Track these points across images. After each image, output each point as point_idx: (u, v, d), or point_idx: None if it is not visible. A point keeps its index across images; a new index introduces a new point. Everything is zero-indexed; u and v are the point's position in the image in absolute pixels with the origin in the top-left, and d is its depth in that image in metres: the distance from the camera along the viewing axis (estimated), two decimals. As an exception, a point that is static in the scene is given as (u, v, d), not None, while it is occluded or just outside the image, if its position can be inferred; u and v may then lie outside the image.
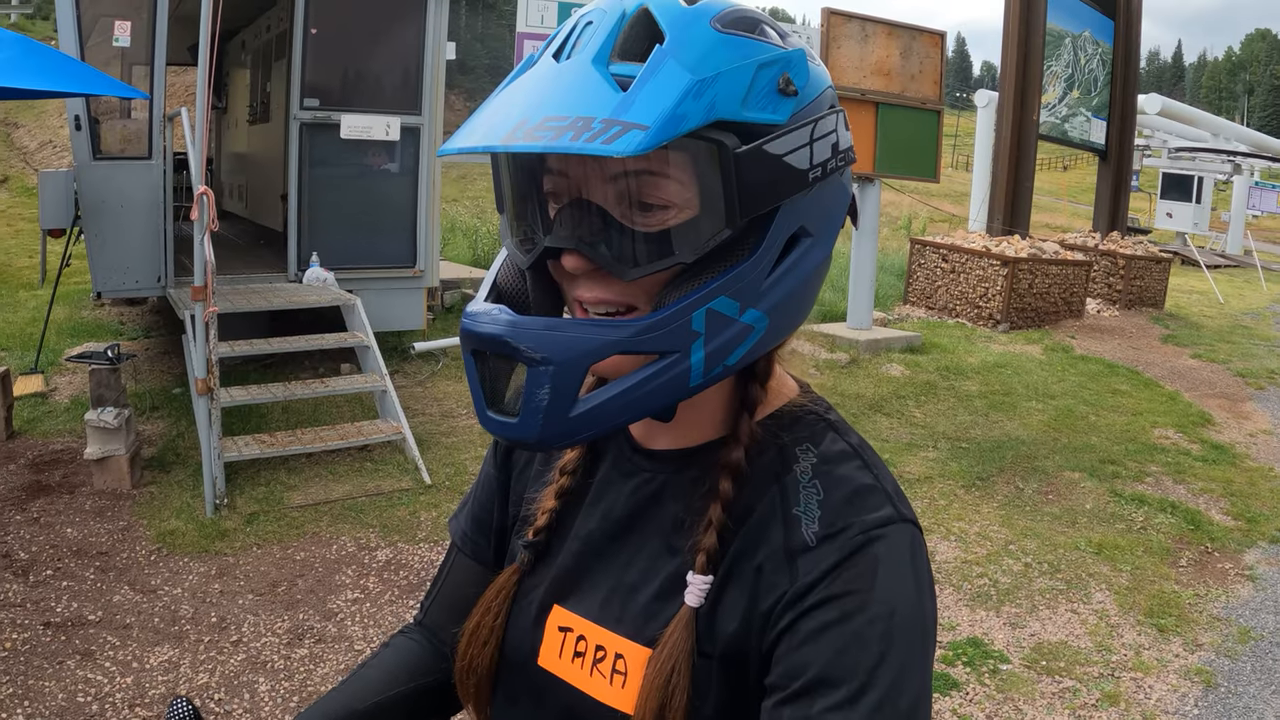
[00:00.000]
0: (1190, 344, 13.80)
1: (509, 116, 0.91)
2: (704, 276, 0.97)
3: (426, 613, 1.42)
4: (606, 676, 1.09)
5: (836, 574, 0.99)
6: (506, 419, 0.99)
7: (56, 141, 23.64)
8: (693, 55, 0.93)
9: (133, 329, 10.52)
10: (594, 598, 1.14)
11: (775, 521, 1.05)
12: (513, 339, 0.95)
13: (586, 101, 0.89)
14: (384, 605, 5.27)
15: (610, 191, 0.97)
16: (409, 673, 1.34)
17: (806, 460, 1.08)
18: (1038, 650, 5.07)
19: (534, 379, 0.95)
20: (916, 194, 21.74)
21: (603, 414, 0.97)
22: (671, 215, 0.96)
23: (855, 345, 11.26)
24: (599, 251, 0.98)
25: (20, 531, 5.92)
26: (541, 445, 0.99)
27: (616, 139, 0.85)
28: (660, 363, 0.96)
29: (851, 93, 11.18)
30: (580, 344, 0.94)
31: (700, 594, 1.04)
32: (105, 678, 4.48)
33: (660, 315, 0.95)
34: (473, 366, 1.02)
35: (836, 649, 0.95)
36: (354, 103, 8.96)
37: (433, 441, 7.65)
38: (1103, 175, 18.76)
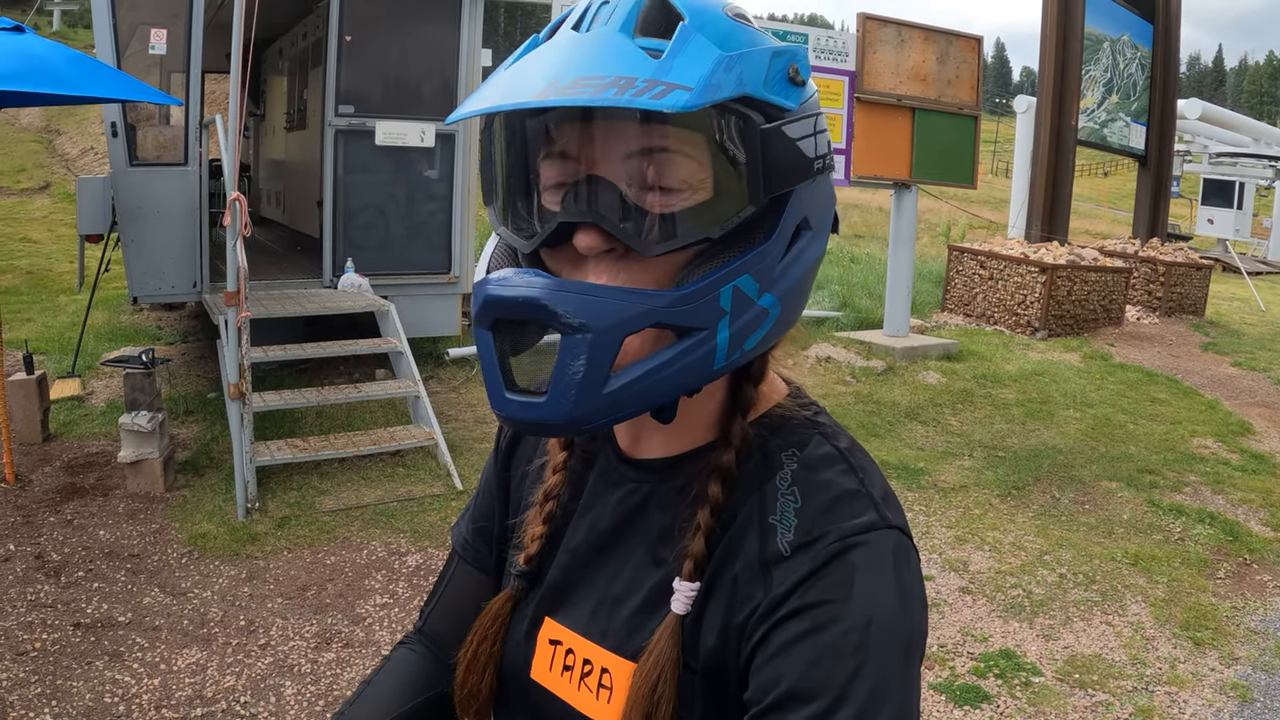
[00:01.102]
0: (1230, 352, 13.63)
1: (534, 79, 0.88)
2: (725, 256, 0.95)
3: (427, 620, 1.40)
4: (593, 691, 1.08)
5: (810, 584, 0.96)
6: (530, 399, 0.94)
7: (98, 148, 23.86)
8: (715, 34, 0.93)
9: (170, 334, 10.60)
10: (582, 610, 1.12)
11: (752, 531, 1.02)
12: (551, 302, 0.90)
13: (624, 63, 0.88)
14: (412, 610, 5.27)
15: (627, 168, 0.94)
16: (414, 688, 1.33)
17: (789, 466, 1.05)
18: (1071, 663, 5.00)
19: (569, 349, 0.90)
20: (955, 201, 21.63)
21: (634, 393, 0.93)
22: (689, 194, 0.94)
23: (892, 352, 11.19)
24: (621, 227, 0.94)
25: (54, 533, 5.96)
26: (569, 428, 0.94)
27: (664, 96, 0.84)
28: (689, 340, 0.94)
29: (888, 98, 11.13)
30: (620, 311, 0.91)
31: (687, 601, 1.02)
32: (133, 679, 4.50)
33: (694, 287, 0.93)
34: (489, 343, 0.96)
35: (809, 661, 0.92)
36: (389, 109, 8.99)
37: (465, 447, 7.65)
38: (1142, 181, 18.60)
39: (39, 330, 10.34)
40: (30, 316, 11.15)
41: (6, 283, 13.14)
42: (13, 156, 23.13)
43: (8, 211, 19.06)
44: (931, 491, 7.27)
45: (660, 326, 0.93)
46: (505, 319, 0.95)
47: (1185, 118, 24.66)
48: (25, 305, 11.83)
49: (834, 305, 13.78)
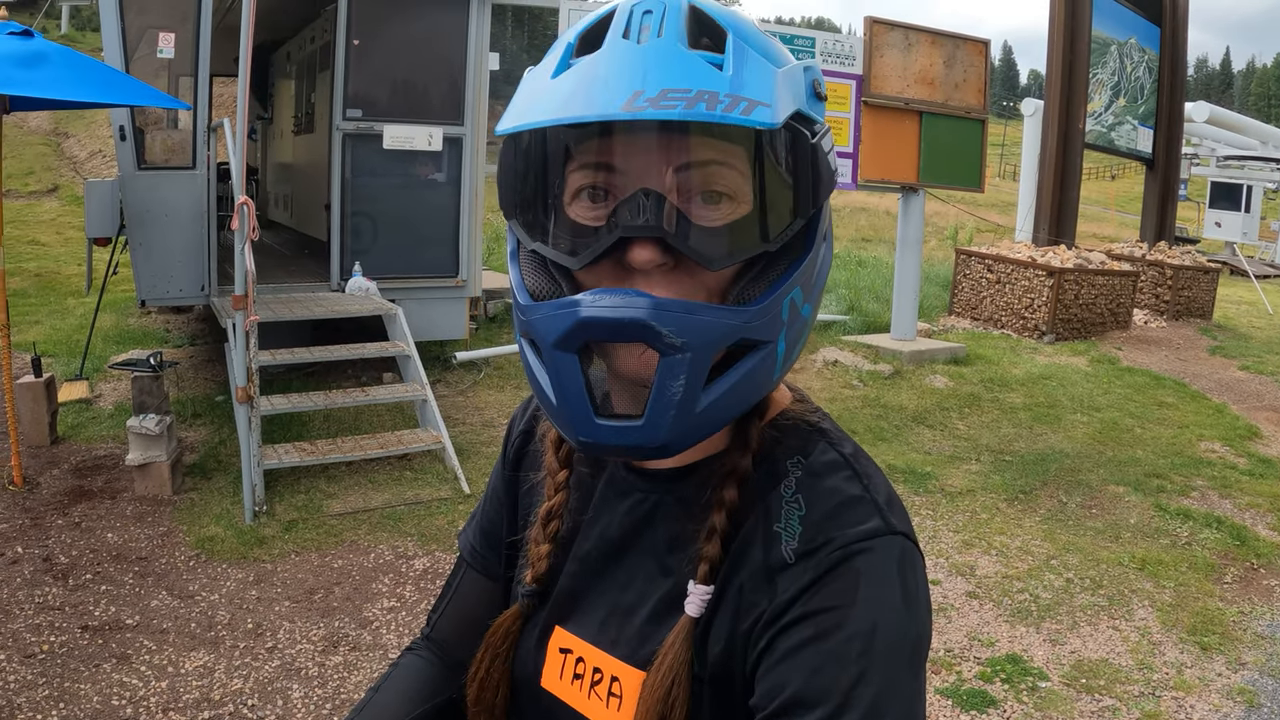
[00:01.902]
0: (1238, 355, 13.61)
1: (614, 89, 0.88)
2: (776, 269, 0.97)
3: (434, 626, 1.40)
4: (603, 699, 1.08)
5: (814, 590, 0.96)
6: (626, 423, 0.93)
7: (106, 151, 23.94)
8: (759, 49, 0.94)
9: (178, 337, 10.63)
10: (592, 619, 1.13)
11: (757, 540, 1.02)
12: (657, 322, 0.89)
13: (700, 77, 0.88)
14: (420, 614, 5.27)
15: (679, 181, 0.93)
16: (421, 694, 1.33)
17: (794, 473, 1.05)
18: (1078, 668, 4.99)
19: (668, 370, 0.90)
20: (962, 204, 21.61)
21: (720, 409, 0.94)
22: (739, 206, 0.95)
23: (899, 356, 11.18)
24: (682, 241, 0.93)
25: (62, 535, 5.98)
26: (665, 449, 0.94)
27: (751, 112, 0.85)
28: (759, 353, 0.95)
29: (895, 102, 11.12)
30: (714, 329, 0.91)
31: (701, 603, 1.02)
32: (140, 682, 4.51)
33: (764, 301, 0.94)
34: (575, 368, 0.94)
35: (813, 667, 0.92)
36: (397, 113, 9.00)
37: (473, 451, 7.66)
38: (1150, 184, 18.55)
39: (47, 333, 10.37)
40: (38, 319, 11.19)
41: (15, 285, 13.17)
42: (21, 159, 23.18)
43: (16, 214, 19.11)
44: (938, 496, 7.26)
45: (743, 343, 0.94)
46: (597, 341, 0.94)
47: (1193, 121, 24.56)
48: (33, 308, 11.87)
49: (841, 309, 13.76)
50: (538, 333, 0.96)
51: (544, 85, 0.94)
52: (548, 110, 0.90)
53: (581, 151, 0.96)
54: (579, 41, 0.96)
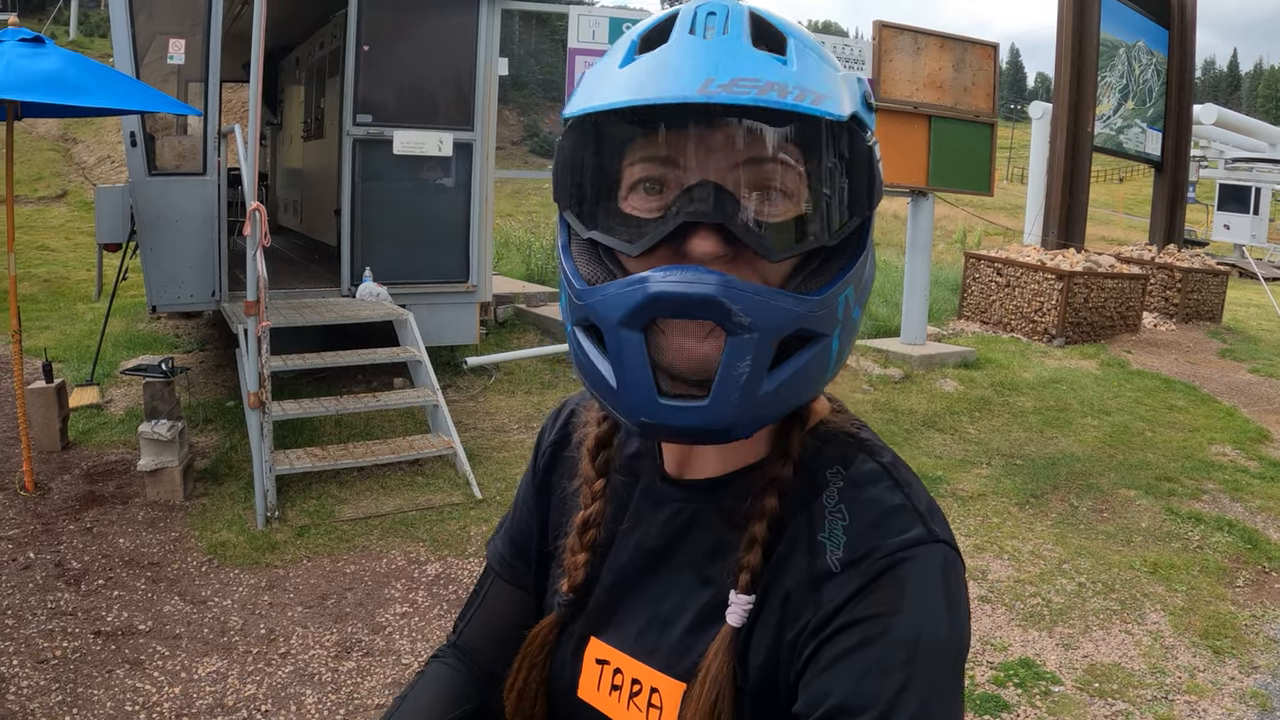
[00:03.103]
0: (1248, 358, 13.58)
1: (688, 75, 0.89)
2: (834, 267, 0.97)
3: (461, 634, 1.40)
4: (643, 710, 1.08)
5: (860, 599, 0.96)
6: (691, 403, 0.93)
7: (115, 157, 23.95)
8: (817, 54, 0.96)
9: (188, 342, 10.64)
10: (629, 630, 1.12)
11: (800, 549, 1.02)
12: (729, 299, 0.89)
13: (766, 68, 0.89)
14: (433, 619, 5.28)
15: (743, 175, 0.94)
16: (450, 702, 1.32)
17: (835, 484, 1.05)
18: (1090, 672, 4.98)
19: (736, 350, 0.91)
20: (970, 208, 21.62)
21: (783, 396, 0.95)
22: (800, 200, 0.96)
23: (909, 360, 11.17)
24: (744, 230, 0.93)
25: (74, 541, 5.98)
26: (730, 432, 0.94)
27: (819, 103, 0.88)
28: (817, 345, 0.96)
29: (904, 106, 11.12)
30: (781, 313, 0.92)
31: (743, 613, 1.02)
32: (153, 687, 4.51)
33: (825, 293, 0.95)
34: (640, 346, 0.93)
35: (857, 675, 0.92)
36: (406, 119, 9.01)
37: (484, 456, 7.66)
38: (1158, 187, 18.52)
39: (57, 338, 10.39)
40: (49, 324, 11.20)
41: (25, 290, 13.18)
42: (30, 165, 23.21)
43: (25, 219, 19.12)
44: (950, 500, 7.25)
45: (803, 333, 0.94)
46: (665, 318, 0.93)
47: (1201, 123, 24.55)
48: (43, 313, 11.88)
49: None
50: (601, 314, 0.96)
51: (612, 74, 0.95)
52: (620, 94, 0.91)
53: (643, 143, 0.96)
54: (641, 41, 0.97)
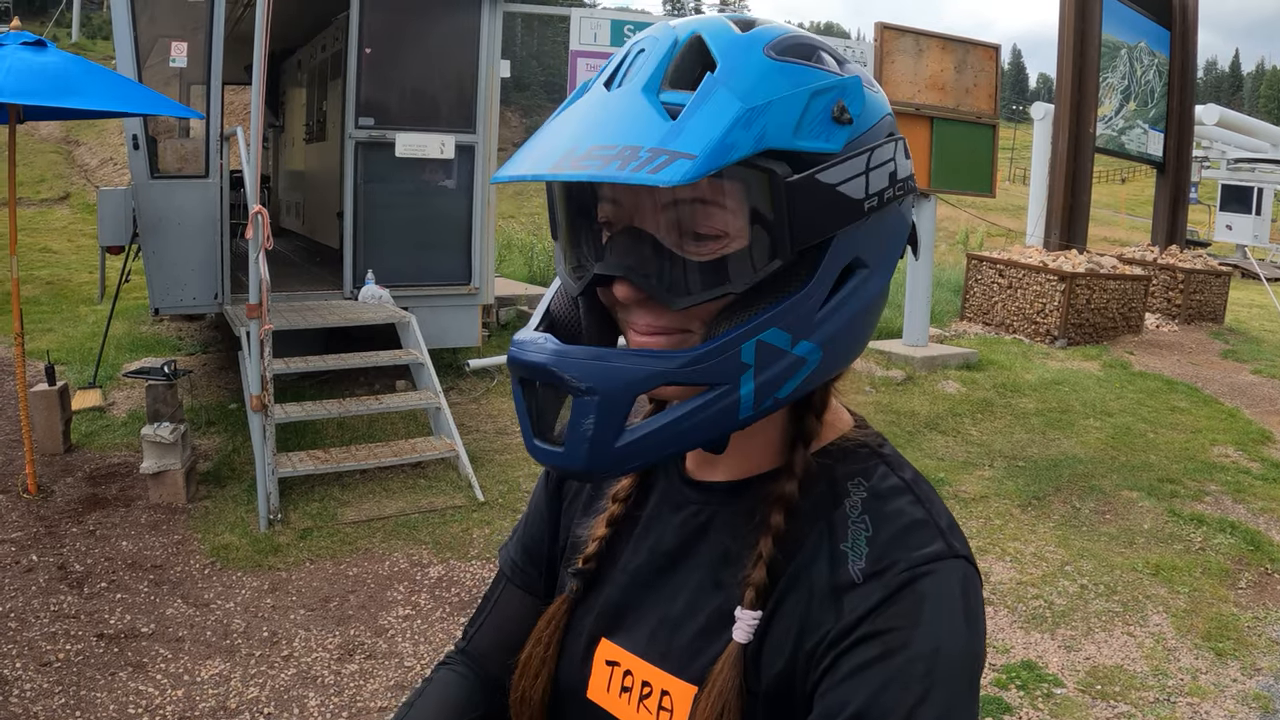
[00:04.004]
0: (1251, 359, 13.57)
1: (557, 145, 0.90)
2: (755, 307, 0.95)
3: (470, 640, 1.40)
4: (653, 713, 1.08)
5: (881, 611, 0.96)
6: (553, 448, 0.97)
7: (117, 159, 24.00)
8: (744, 83, 0.92)
9: (190, 344, 10.64)
10: (641, 632, 1.13)
11: (822, 558, 1.02)
12: (558, 368, 0.94)
13: (634, 130, 0.88)
14: (435, 622, 5.28)
15: (662, 220, 0.96)
16: (458, 709, 1.32)
17: (857, 495, 1.05)
18: (1092, 674, 4.98)
19: (580, 409, 0.93)
20: (972, 209, 21.59)
21: (649, 445, 0.95)
22: (724, 244, 0.95)
23: (911, 362, 11.17)
24: (649, 281, 0.97)
25: (76, 544, 5.99)
26: (588, 475, 0.98)
27: (663, 169, 0.84)
28: (709, 394, 0.95)
29: (906, 107, 11.12)
30: (626, 374, 0.93)
31: (749, 630, 1.02)
32: (156, 690, 4.52)
33: (708, 347, 0.94)
34: (520, 395, 1.00)
35: (876, 687, 0.92)
36: (409, 121, 9.01)
37: (486, 459, 7.66)
38: (1160, 188, 18.49)
39: (59, 341, 10.39)
40: (51, 327, 11.21)
41: (27, 293, 13.19)
42: (32, 167, 23.25)
43: (28, 222, 19.15)
44: (952, 502, 7.25)
45: (673, 385, 0.94)
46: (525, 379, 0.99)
47: (1203, 123, 24.49)
48: (46, 315, 11.89)
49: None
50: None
51: (543, 128, 0.98)
52: (514, 163, 0.93)
53: (591, 191, 1.02)
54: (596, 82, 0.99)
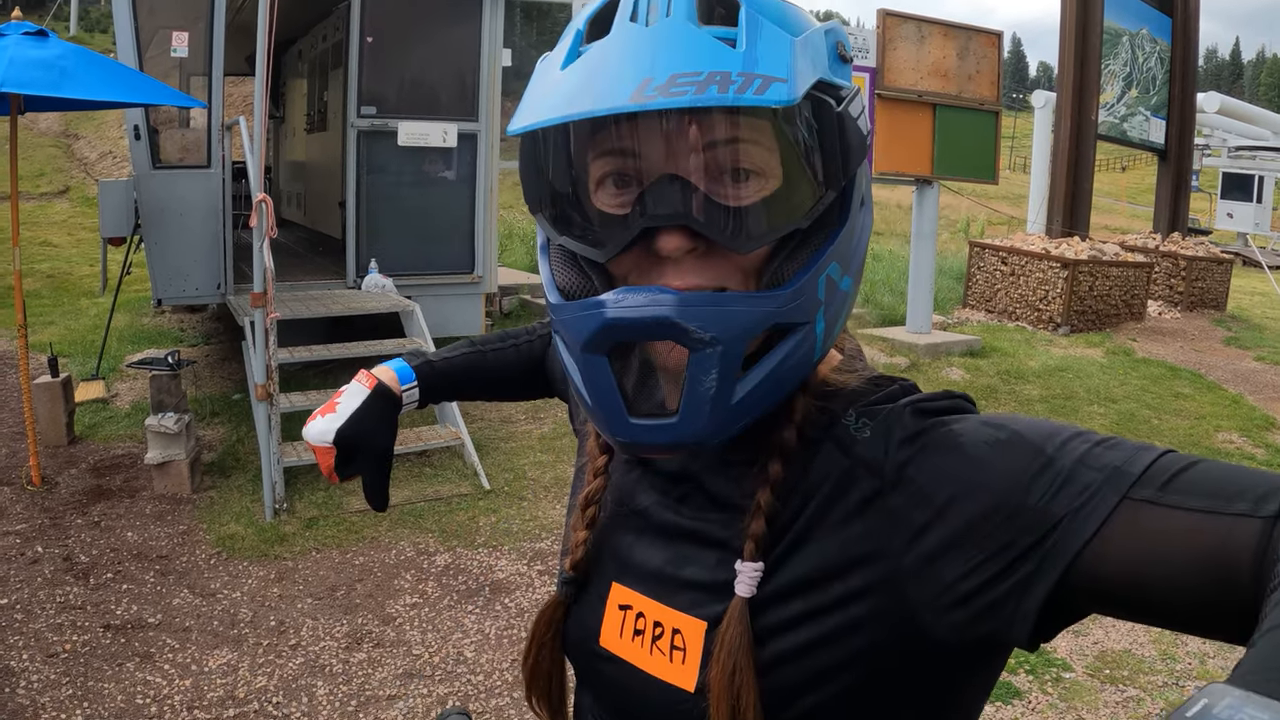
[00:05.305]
0: (1253, 346, 13.54)
1: (622, 78, 0.84)
2: (810, 245, 0.94)
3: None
4: (666, 654, 1.05)
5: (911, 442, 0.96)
6: (661, 421, 0.92)
7: (116, 152, 23.96)
8: (775, 18, 0.90)
9: (193, 335, 10.63)
10: (649, 574, 1.10)
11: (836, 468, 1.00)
12: (682, 319, 0.88)
13: (711, 58, 0.84)
14: (443, 610, 5.27)
15: (704, 163, 0.90)
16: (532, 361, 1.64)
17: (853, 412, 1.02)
18: (1101, 659, 4.97)
19: (700, 364, 0.89)
20: (974, 196, 21.55)
21: (757, 398, 0.93)
22: (765, 184, 0.91)
23: (915, 349, 11.16)
24: (709, 226, 0.90)
25: (81, 535, 5.98)
26: (703, 444, 0.93)
27: (764, 91, 0.83)
28: (796, 336, 0.93)
29: (908, 94, 11.08)
30: (743, 319, 0.89)
31: (751, 583, 0.99)
32: (164, 680, 4.50)
33: (798, 283, 0.92)
34: (606, 369, 0.93)
35: (975, 463, 0.92)
36: (411, 110, 9.00)
37: (491, 447, 7.65)
38: (1162, 175, 18.48)
39: (62, 333, 10.38)
40: (53, 320, 11.21)
41: (28, 286, 13.14)
42: (32, 161, 23.19)
43: (27, 216, 19.10)
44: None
45: (777, 328, 0.92)
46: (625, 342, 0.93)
47: (1204, 111, 24.48)
48: (47, 309, 11.88)
49: (856, 303, 13.73)
50: (567, 334, 0.96)
51: (553, 78, 0.91)
52: (557, 106, 0.87)
53: (601, 140, 0.92)
54: (588, 27, 0.93)
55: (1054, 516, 0.85)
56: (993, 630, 0.89)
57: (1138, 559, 0.82)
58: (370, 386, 1.45)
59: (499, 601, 5.39)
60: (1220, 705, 0.56)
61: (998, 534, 0.87)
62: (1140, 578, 0.82)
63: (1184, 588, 0.80)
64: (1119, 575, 0.83)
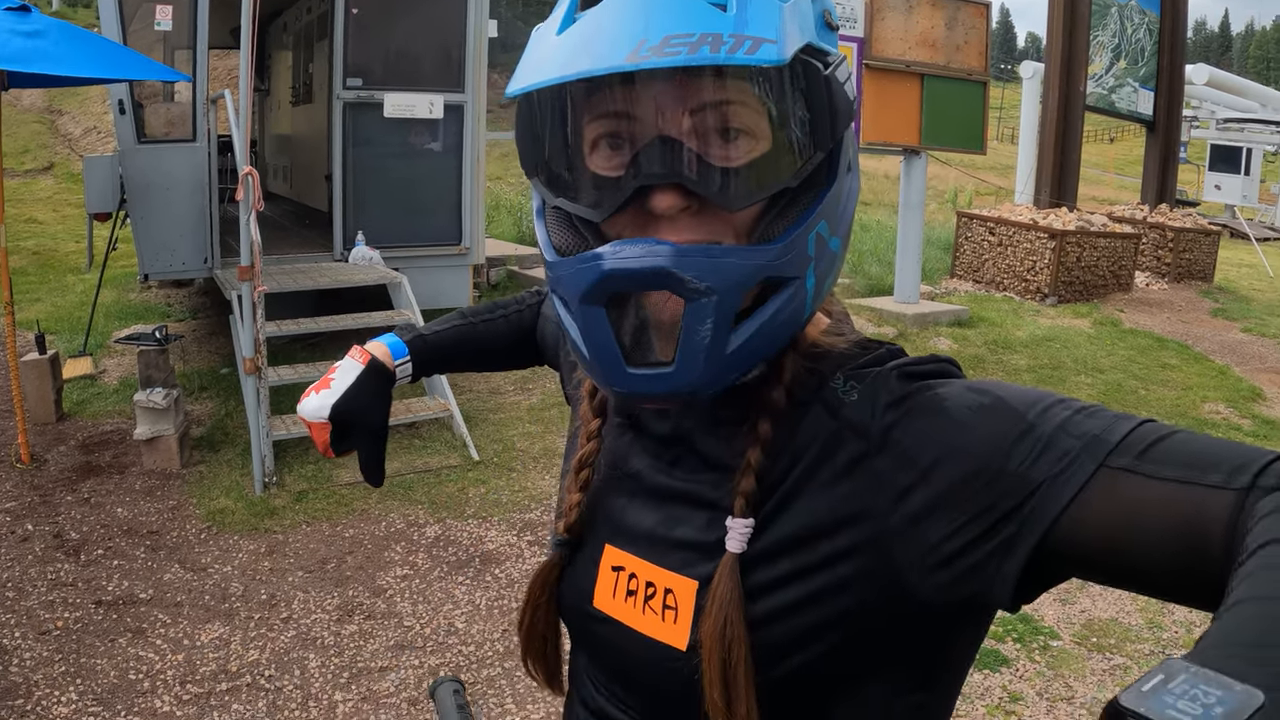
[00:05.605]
0: (1240, 318, 13.59)
1: (617, 38, 0.87)
2: (800, 204, 0.96)
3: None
4: (658, 613, 1.07)
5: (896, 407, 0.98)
6: (658, 370, 0.94)
7: (100, 128, 23.82)
8: None
9: (179, 311, 10.60)
10: (641, 536, 1.11)
11: (824, 428, 1.02)
12: (679, 269, 0.90)
13: (702, 19, 0.86)
14: (433, 581, 5.28)
15: (695, 125, 0.92)
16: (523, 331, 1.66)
17: (840, 376, 1.04)
18: (1088, 627, 5.01)
19: (695, 314, 0.91)
20: (962, 167, 21.53)
21: (751, 349, 0.95)
22: (756, 144, 0.93)
23: (902, 319, 11.17)
24: (702, 184, 0.92)
25: (71, 512, 5.97)
26: (698, 393, 0.95)
27: (755, 51, 0.85)
28: (787, 290, 0.95)
29: (896, 64, 11.06)
30: (737, 270, 0.91)
31: (741, 539, 1.01)
32: (156, 655, 4.51)
33: (789, 237, 0.94)
34: (603, 320, 0.95)
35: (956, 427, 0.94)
36: (397, 82, 8.94)
37: (480, 418, 7.65)
38: (1150, 147, 18.48)
39: (48, 310, 10.34)
40: (39, 297, 11.16)
41: (14, 263, 13.03)
42: (16, 138, 23.04)
43: (12, 193, 18.97)
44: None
45: (770, 281, 0.94)
46: (622, 292, 0.95)
47: (1192, 83, 24.47)
48: (33, 286, 11.82)
49: (843, 272, 13.72)
50: (565, 288, 0.97)
51: (550, 43, 0.93)
52: (554, 68, 0.90)
53: (595, 103, 0.94)
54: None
55: (1034, 481, 0.87)
56: (975, 592, 0.91)
57: (1114, 525, 0.84)
58: (364, 362, 1.47)
59: (489, 572, 5.41)
60: (1176, 680, 0.58)
61: (979, 497, 0.89)
62: (1117, 543, 0.84)
63: (1159, 555, 0.82)
64: (1097, 540, 0.85)
